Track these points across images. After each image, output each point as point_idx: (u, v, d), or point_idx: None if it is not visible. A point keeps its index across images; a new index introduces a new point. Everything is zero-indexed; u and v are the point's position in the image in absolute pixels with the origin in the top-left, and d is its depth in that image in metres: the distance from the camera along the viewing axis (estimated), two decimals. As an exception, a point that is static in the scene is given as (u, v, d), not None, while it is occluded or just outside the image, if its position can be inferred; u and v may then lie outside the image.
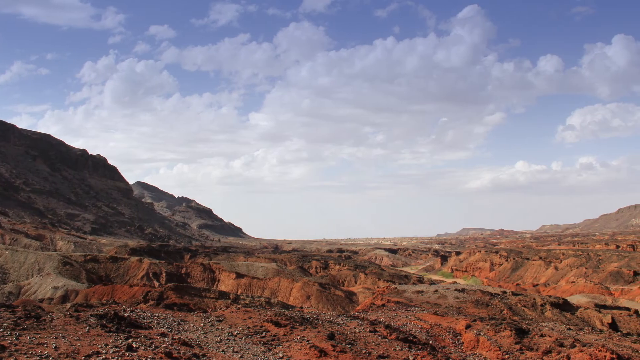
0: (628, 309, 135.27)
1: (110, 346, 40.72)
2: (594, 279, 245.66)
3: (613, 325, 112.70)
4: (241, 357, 48.87)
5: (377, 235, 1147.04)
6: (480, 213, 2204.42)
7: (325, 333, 56.10)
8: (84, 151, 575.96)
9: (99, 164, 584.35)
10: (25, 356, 36.59)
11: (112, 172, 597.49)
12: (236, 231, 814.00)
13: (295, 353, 50.42)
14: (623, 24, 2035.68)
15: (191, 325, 57.59)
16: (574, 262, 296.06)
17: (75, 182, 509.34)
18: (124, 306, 76.27)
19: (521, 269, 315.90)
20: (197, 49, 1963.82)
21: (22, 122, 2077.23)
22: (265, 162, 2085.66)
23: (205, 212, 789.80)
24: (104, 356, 38.52)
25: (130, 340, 42.69)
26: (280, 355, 50.14)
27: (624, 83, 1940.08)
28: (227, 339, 53.24)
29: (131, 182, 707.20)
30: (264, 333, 55.39)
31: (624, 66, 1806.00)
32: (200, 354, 44.90)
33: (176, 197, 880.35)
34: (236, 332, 55.71)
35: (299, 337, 54.14)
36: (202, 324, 58.10)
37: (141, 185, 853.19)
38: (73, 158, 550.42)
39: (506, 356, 65.30)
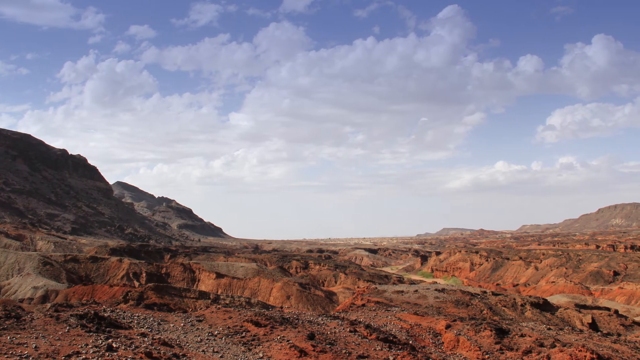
0: (608, 309, 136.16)
1: (90, 346, 40.69)
2: (574, 279, 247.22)
3: (593, 325, 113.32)
4: (221, 357, 48.94)
5: (357, 235, 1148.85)
6: (461, 213, 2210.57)
7: (306, 333, 56.19)
8: (64, 151, 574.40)
9: (79, 164, 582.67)
10: (5, 356, 36.51)
11: (92, 172, 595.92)
12: (216, 231, 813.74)
13: (275, 353, 50.50)
14: (603, 23, 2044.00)
15: (171, 325, 57.60)
16: (554, 262, 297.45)
17: (55, 182, 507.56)
18: (104, 306, 76.19)
19: (501, 269, 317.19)
20: (177, 49, 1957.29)
21: (2, 122, 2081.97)
22: (246, 162, 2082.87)
23: (185, 212, 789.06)
24: (84, 356, 38.50)
25: (110, 340, 42.69)
26: (261, 355, 50.22)
27: (604, 83, 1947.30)
28: (207, 339, 53.28)
29: (111, 182, 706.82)
30: (244, 333, 55.46)
31: (604, 66, 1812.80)
32: (180, 354, 44.94)
33: (156, 197, 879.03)
34: (216, 332, 55.78)
35: (279, 337, 54.24)
36: (182, 324, 58.12)
37: (121, 185, 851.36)
38: (53, 158, 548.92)
39: (486, 356, 65.54)
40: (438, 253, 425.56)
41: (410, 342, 66.95)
